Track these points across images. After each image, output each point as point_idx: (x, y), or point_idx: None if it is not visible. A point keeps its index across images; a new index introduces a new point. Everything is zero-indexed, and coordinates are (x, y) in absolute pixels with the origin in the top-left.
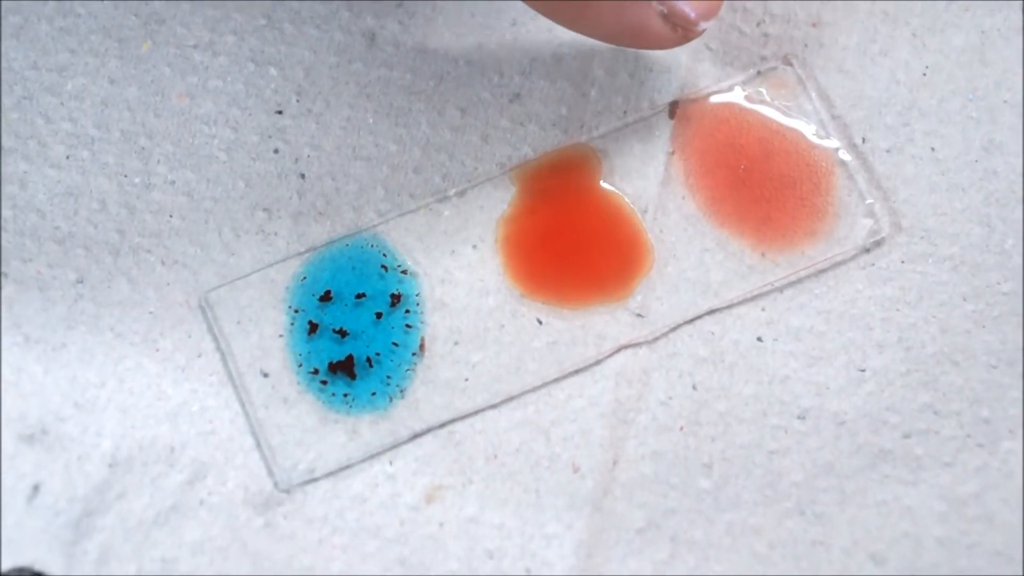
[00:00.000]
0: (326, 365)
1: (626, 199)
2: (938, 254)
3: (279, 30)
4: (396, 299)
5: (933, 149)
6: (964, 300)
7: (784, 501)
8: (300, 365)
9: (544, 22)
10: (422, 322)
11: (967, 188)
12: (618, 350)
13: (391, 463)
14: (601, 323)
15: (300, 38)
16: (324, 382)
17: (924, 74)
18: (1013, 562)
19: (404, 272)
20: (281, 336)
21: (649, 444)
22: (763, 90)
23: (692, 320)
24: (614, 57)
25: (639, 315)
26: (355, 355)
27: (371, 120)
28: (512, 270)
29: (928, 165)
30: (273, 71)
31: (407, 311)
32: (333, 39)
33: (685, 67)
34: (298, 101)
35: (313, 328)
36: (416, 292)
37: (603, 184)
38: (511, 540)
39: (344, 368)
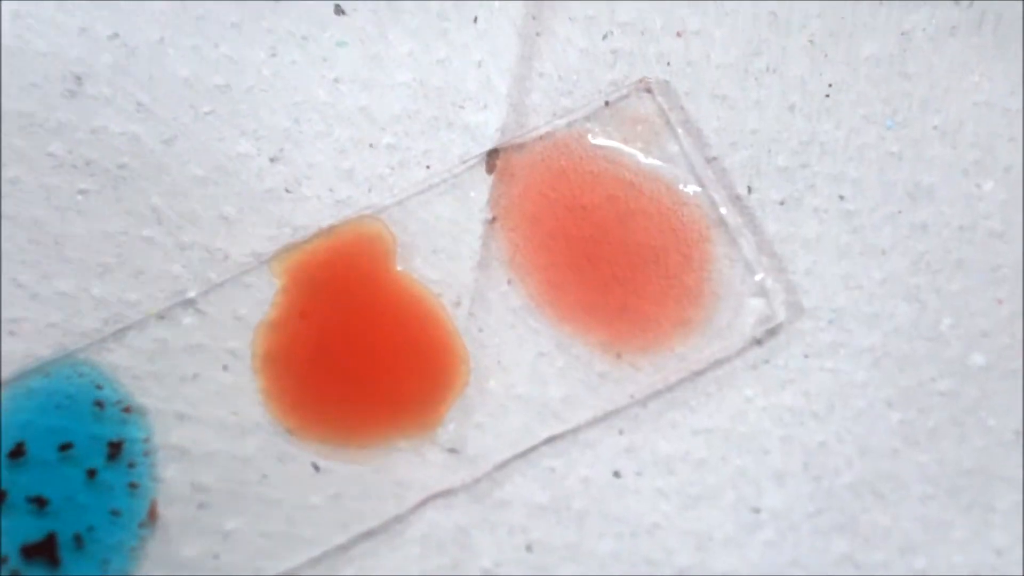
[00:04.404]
0: (18, 550)
1: (431, 289)
2: (853, 344)
3: None
4: (116, 448)
5: (842, 198)
6: (889, 407)
7: None
8: None
9: None
10: (153, 479)
11: (888, 251)
12: (426, 501)
13: None
14: (402, 464)
15: None
16: (16, 573)
17: (827, 96)
18: None
19: (127, 410)
20: None
21: None
22: (612, 128)
23: (525, 453)
24: (412, 90)
25: (452, 450)
26: (59, 532)
27: (80, 199)
28: (277, 398)
29: (836, 221)
30: None
31: (131, 464)
32: None
33: (507, 101)
34: None
35: (0, 498)
36: (143, 437)
37: (399, 270)
38: None
39: (44, 551)
